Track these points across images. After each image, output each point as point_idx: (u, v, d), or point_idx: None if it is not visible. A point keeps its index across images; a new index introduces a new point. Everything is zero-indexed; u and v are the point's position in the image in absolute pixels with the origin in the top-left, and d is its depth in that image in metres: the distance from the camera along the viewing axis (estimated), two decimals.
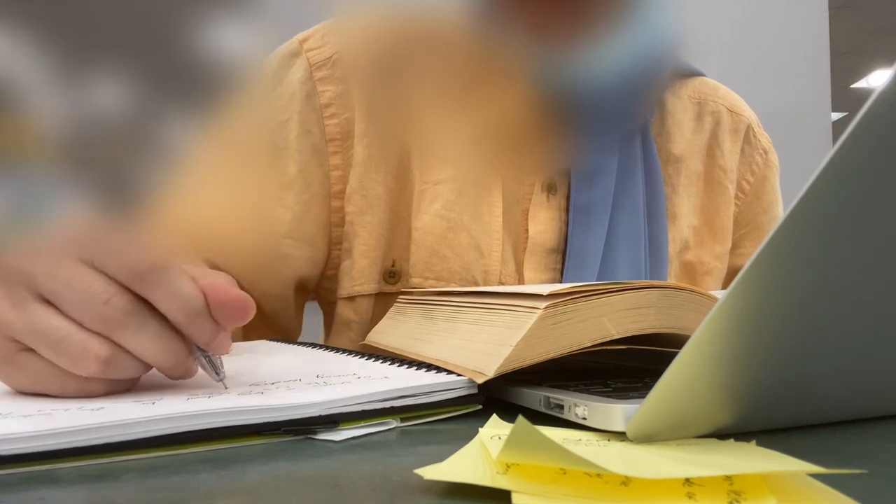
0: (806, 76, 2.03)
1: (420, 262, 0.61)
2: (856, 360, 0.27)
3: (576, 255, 0.61)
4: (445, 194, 0.61)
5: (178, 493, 0.22)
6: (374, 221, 0.62)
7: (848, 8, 4.27)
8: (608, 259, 0.62)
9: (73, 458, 0.25)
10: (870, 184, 0.22)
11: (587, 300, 0.33)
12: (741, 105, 0.75)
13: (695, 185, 0.71)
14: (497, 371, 0.32)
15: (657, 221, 0.65)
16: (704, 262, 0.70)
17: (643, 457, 0.23)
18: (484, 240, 0.62)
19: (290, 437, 0.29)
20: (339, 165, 0.62)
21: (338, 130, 0.62)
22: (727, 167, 0.72)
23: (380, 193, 0.62)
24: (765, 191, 0.75)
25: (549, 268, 0.63)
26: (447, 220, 0.61)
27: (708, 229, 0.71)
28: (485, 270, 0.61)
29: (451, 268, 0.61)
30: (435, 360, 0.39)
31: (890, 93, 0.19)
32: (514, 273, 0.63)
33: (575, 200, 0.62)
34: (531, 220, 0.63)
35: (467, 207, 0.62)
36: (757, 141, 0.75)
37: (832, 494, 0.20)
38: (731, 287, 0.22)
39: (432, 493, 0.22)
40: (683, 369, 0.24)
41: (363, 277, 0.62)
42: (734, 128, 0.73)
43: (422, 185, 0.62)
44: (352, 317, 0.63)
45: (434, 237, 0.61)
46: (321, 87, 0.62)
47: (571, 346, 0.33)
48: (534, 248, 0.63)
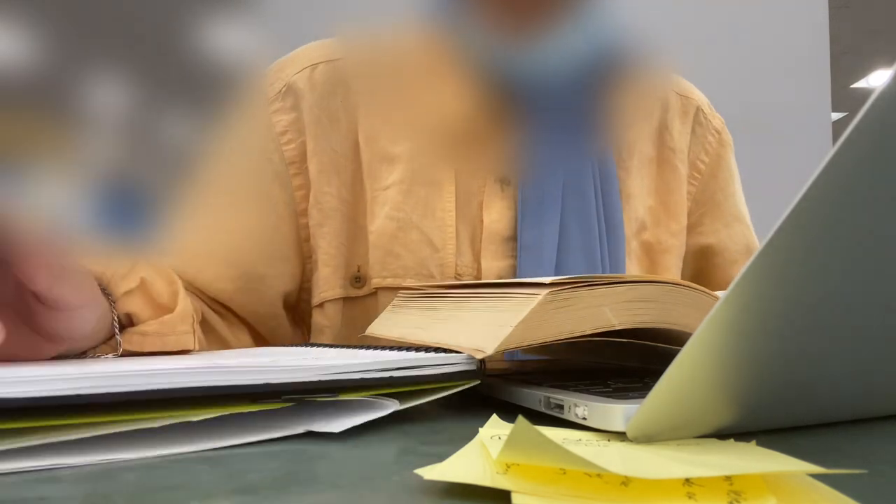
0: (806, 76, 2.03)
1: (377, 263, 0.65)
2: (856, 361, 0.27)
3: (528, 249, 0.64)
4: (393, 196, 0.65)
5: (178, 493, 0.22)
6: (331, 232, 0.66)
7: (848, 8, 4.27)
8: (563, 247, 0.64)
9: (75, 416, 0.25)
10: (870, 184, 0.22)
11: (589, 289, 0.33)
12: (690, 88, 0.78)
13: (647, 168, 0.73)
14: (496, 348, 0.32)
15: (611, 202, 0.67)
16: (662, 241, 0.72)
17: (643, 457, 0.23)
18: (436, 234, 0.65)
19: (289, 404, 0.29)
20: (301, 185, 0.67)
21: (296, 154, 0.67)
22: (676, 148, 0.74)
23: (334, 205, 0.67)
24: (720, 169, 0.77)
25: (507, 255, 0.65)
26: (396, 220, 0.65)
27: (662, 208, 0.74)
28: (440, 264, 0.64)
29: (405, 264, 0.64)
30: (435, 344, 0.39)
31: (890, 93, 0.19)
32: (472, 263, 0.65)
33: (523, 194, 0.65)
34: (485, 210, 0.66)
35: (417, 206, 0.65)
36: (708, 122, 0.77)
37: (832, 494, 0.20)
38: (731, 287, 0.22)
39: (432, 493, 0.22)
40: (683, 369, 0.24)
41: (327, 284, 0.66)
42: (683, 110, 0.76)
43: (373, 192, 0.66)
44: (324, 322, 0.67)
45: (386, 238, 0.64)
46: (275, 117, 0.68)
47: (571, 331, 0.33)
48: (490, 237, 0.65)
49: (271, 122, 0.67)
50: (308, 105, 0.67)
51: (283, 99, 0.68)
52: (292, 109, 0.67)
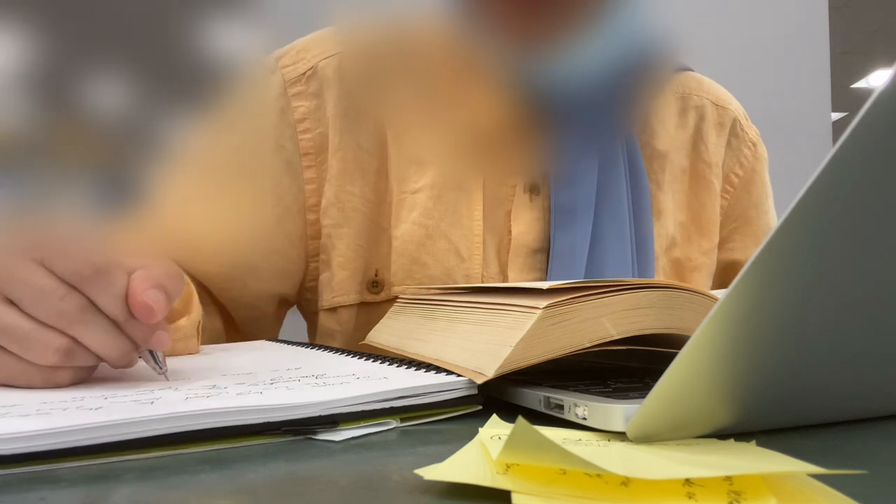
0: (806, 76, 2.03)
1: (401, 271, 0.62)
2: (855, 360, 0.27)
3: (560, 256, 0.61)
4: (423, 202, 0.62)
5: (178, 493, 0.22)
6: (351, 234, 0.63)
7: (848, 8, 4.27)
8: (595, 259, 0.62)
9: (73, 458, 0.25)
10: (869, 184, 0.22)
11: (586, 300, 0.33)
12: (727, 98, 0.74)
13: (679, 181, 0.70)
14: (497, 372, 0.32)
15: (642, 218, 0.65)
16: (692, 259, 0.70)
17: (643, 457, 0.23)
18: (464, 244, 0.62)
19: (289, 437, 0.29)
20: (313, 179, 0.63)
21: (311, 145, 0.63)
22: (712, 161, 0.71)
23: (357, 206, 0.63)
24: (754, 184, 0.74)
25: (535, 268, 0.63)
26: (425, 227, 0.62)
27: (694, 225, 0.71)
28: (466, 275, 0.62)
29: (431, 274, 0.61)
30: (434, 361, 0.39)
31: (890, 93, 0.19)
32: (498, 275, 0.63)
33: (556, 201, 0.62)
34: (514, 220, 0.63)
35: (446, 213, 0.62)
36: (744, 134, 0.74)
37: (832, 494, 0.20)
38: (730, 287, 0.22)
39: (432, 493, 0.22)
40: (683, 369, 0.24)
41: (343, 289, 0.63)
42: (719, 121, 0.73)
43: (400, 194, 0.63)
44: (334, 327, 0.64)
45: (413, 245, 0.62)
46: (295, 102, 0.63)
47: (571, 346, 0.33)
48: (518, 249, 0.63)
49: (289, 107, 0.63)
50: (335, 96, 0.63)
51: (307, 83, 0.63)
52: (315, 96, 0.63)
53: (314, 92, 0.63)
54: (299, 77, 0.63)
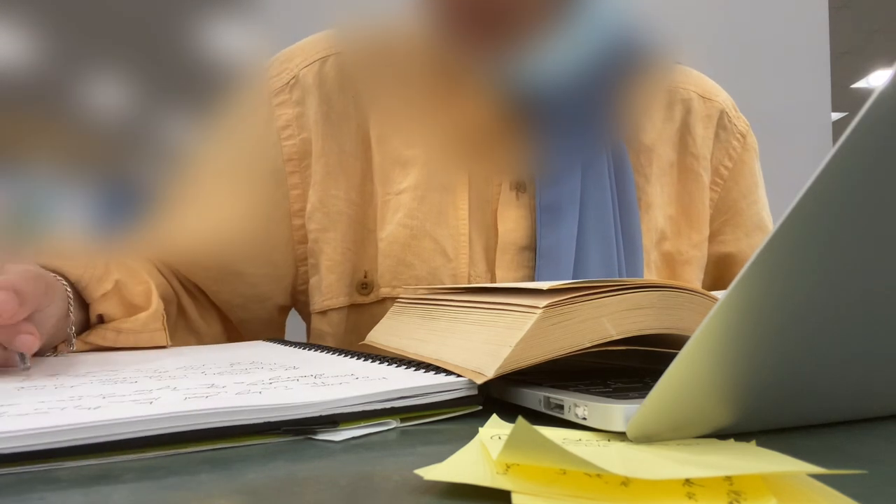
0: (806, 76, 2.03)
1: (388, 272, 0.62)
2: (856, 360, 0.27)
3: (547, 253, 0.62)
4: (408, 203, 0.62)
5: (178, 493, 0.22)
6: (337, 237, 0.64)
7: (848, 8, 4.27)
8: (581, 256, 0.62)
9: (71, 458, 0.25)
10: (870, 184, 0.22)
11: (586, 300, 0.33)
12: (714, 90, 0.74)
13: (668, 175, 0.70)
14: (497, 372, 0.32)
15: (629, 213, 0.65)
16: (683, 252, 0.70)
17: (643, 457, 0.23)
18: (450, 244, 0.62)
19: (289, 437, 0.29)
20: (297, 184, 0.64)
21: (295, 150, 0.64)
22: (700, 154, 0.71)
23: (342, 209, 0.64)
24: (743, 175, 0.74)
25: (522, 266, 0.63)
26: (409, 228, 0.62)
27: (684, 218, 0.71)
28: (453, 274, 0.62)
29: (417, 275, 0.62)
30: (434, 361, 0.39)
31: (890, 93, 0.19)
32: (486, 273, 0.63)
33: (541, 199, 0.62)
34: (500, 218, 0.63)
35: (430, 214, 0.62)
36: (733, 125, 0.73)
37: (832, 494, 0.20)
38: (731, 287, 0.22)
39: (432, 493, 0.22)
40: (683, 369, 0.24)
41: (332, 292, 0.64)
42: (707, 114, 0.72)
43: (384, 196, 0.63)
44: (326, 329, 0.65)
45: (398, 246, 0.62)
46: (278, 111, 0.64)
47: (571, 346, 0.33)
48: (505, 247, 0.63)
49: (274, 115, 0.64)
50: (316, 101, 0.64)
51: (290, 91, 0.64)
52: (297, 104, 0.64)
53: (297, 100, 0.64)
54: (283, 87, 0.65)
